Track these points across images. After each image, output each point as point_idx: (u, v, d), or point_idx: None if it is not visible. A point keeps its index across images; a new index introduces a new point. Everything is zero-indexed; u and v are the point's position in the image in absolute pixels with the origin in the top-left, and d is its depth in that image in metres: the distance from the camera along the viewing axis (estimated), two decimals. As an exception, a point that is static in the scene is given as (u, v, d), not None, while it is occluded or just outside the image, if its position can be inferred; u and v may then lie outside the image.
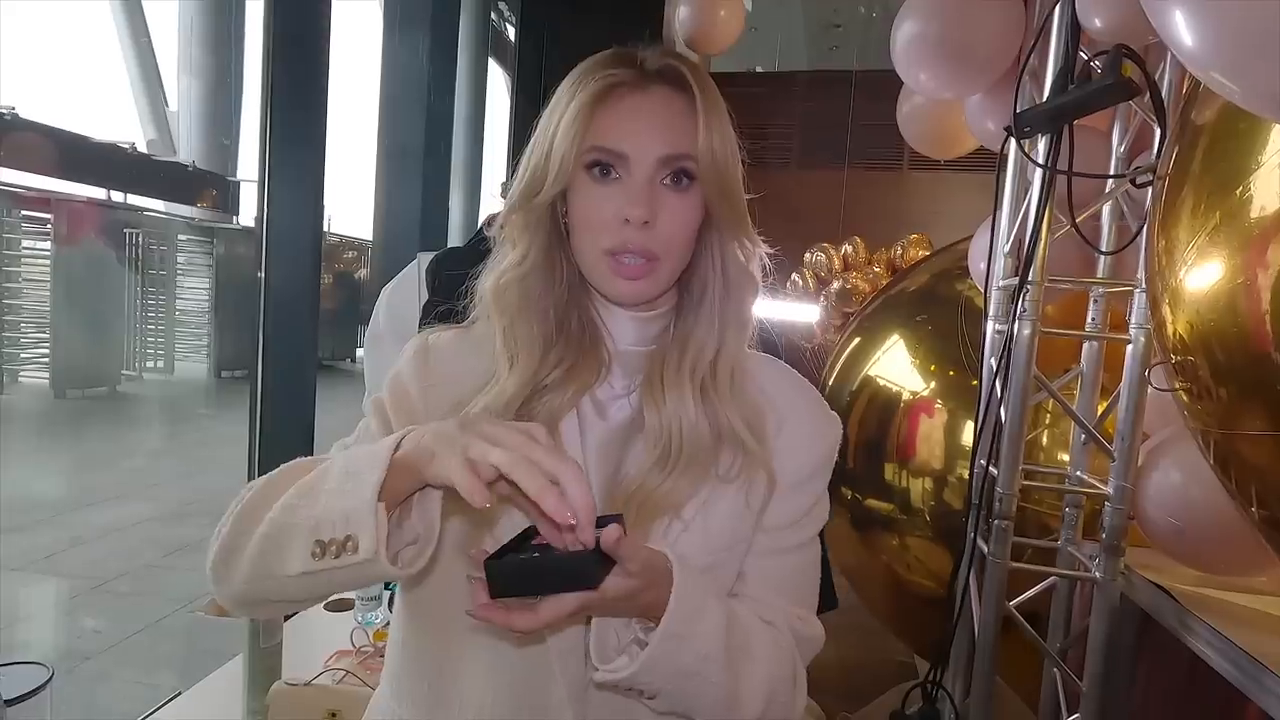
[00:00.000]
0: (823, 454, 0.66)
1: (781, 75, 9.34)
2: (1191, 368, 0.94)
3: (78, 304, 7.68)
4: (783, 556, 0.65)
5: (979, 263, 1.87)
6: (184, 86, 8.32)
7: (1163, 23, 0.54)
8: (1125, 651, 1.56)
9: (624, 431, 0.63)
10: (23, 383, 7.79)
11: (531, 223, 0.61)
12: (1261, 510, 0.92)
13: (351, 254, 11.82)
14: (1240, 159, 0.89)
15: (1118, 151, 1.60)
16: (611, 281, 0.60)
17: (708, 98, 0.58)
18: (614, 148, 0.58)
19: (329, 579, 0.51)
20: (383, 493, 0.48)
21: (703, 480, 0.60)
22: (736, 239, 0.62)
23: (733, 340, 0.63)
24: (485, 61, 5.04)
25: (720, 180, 0.59)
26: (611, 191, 0.58)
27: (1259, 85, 0.54)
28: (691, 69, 0.59)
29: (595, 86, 0.57)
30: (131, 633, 3.02)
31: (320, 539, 0.49)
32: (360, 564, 0.48)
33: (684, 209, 0.59)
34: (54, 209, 7.50)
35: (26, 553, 3.77)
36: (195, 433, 7.25)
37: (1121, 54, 1.24)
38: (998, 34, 1.79)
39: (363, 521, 0.48)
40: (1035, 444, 1.96)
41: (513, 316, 0.62)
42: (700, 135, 0.57)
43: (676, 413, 0.60)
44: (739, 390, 0.63)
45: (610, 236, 0.58)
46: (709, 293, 0.63)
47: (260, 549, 0.53)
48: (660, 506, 0.59)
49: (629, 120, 0.58)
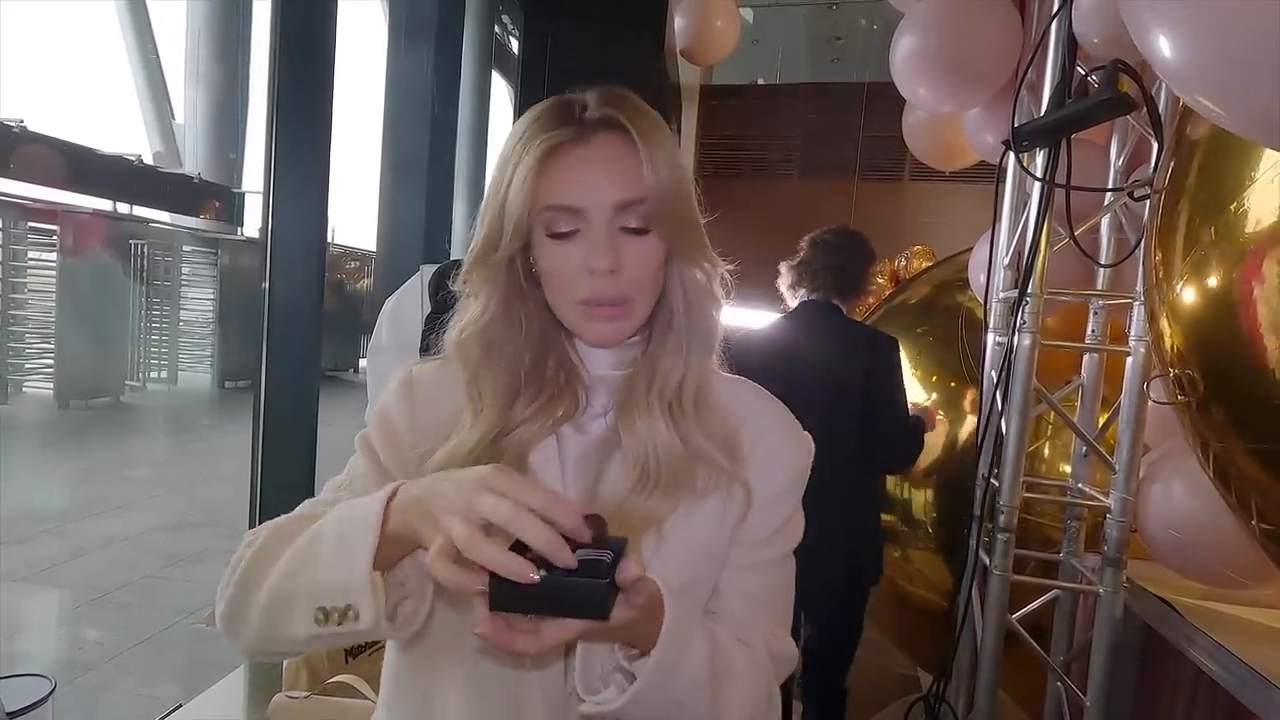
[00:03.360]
0: (795, 470, 0.68)
1: (783, 87, 9.40)
2: (1190, 381, 0.95)
3: (82, 315, 7.72)
4: (759, 572, 0.67)
5: (979, 275, 1.87)
6: (190, 99, 8.40)
7: (1147, 45, 0.55)
8: (1128, 665, 1.55)
9: (602, 445, 0.65)
10: (26, 393, 7.82)
11: (490, 277, 0.63)
12: (1262, 524, 0.92)
13: (354, 264, 11.86)
14: (1234, 174, 0.90)
15: (1116, 165, 1.61)
16: (589, 327, 0.62)
17: (647, 136, 0.59)
18: (568, 204, 0.59)
19: (336, 640, 0.52)
20: (377, 560, 0.50)
21: (681, 497, 0.62)
22: (696, 265, 0.64)
23: (697, 363, 0.64)
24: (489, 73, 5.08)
25: (675, 214, 0.60)
26: (573, 246, 0.60)
27: (1243, 108, 0.54)
28: (628, 111, 0.60)
29: (539, 149, 0.59)
30: (133, 644, 3.01)
31: (322, 606, 0.51)
32: (364, 630, 0.50)
33: (645, 252, 0.61)
34: (60, 220, 7.55)
35: (29, 563, 3.77)
36: (198, 443, 7.26)
37: (1118, 69, 1.25)
38: (995, 49, 1.80)
39: (361, 594, 0.49)
40: (1038, 456, 1.96)
41: (475, 369, 0.64)
42: (647, 175, 0.58)
43: (650, 436, 0.62)
44: (707, 411, 0.65)
45: (581, 288, 0.60)
46: (675, 319, 0.64)
47: (266, 614, 0.54)
48: (642, 524, 0.61)
49: (578, 174, 0.59)
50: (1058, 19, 1.47)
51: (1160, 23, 0.54)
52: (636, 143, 0.59)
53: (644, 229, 0.60)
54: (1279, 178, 0.83)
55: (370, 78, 3.38)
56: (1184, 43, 0.52)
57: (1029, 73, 1.58)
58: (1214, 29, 0.49)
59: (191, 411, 8.77)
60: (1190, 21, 0.51)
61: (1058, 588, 1.66)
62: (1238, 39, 0.48)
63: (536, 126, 0.60)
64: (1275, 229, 0.86)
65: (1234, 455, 0.92)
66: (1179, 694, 1.40)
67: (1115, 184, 1.59)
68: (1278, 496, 0.88)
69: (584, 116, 0.60)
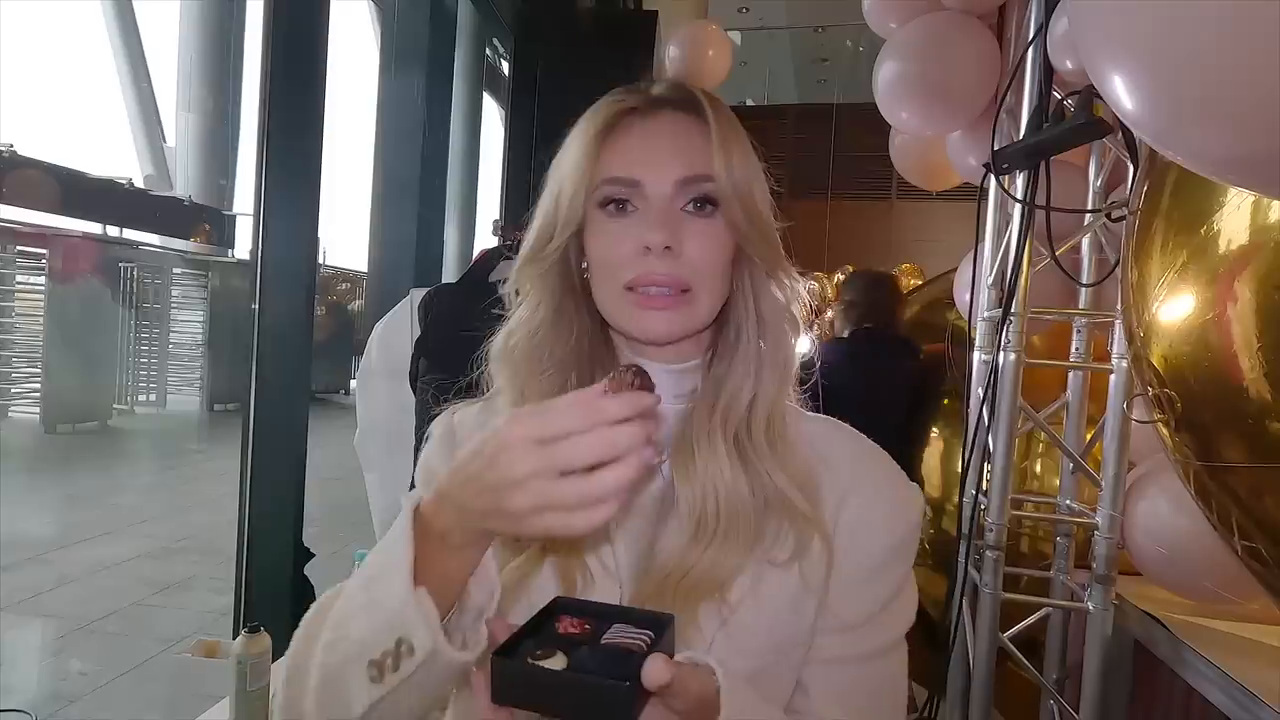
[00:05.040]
0: (903, 534, 0.56)
1: (770, 108, 9.53)
2: (1169, 400, 0.96)
3: (70, 338, 7.66)
4: (856, 666, 0.54)
5: (963, 294, 1.90)
6: (182, 123, 8.43)
7: (1105, 88, 0.57)
8: (1121, 682, 1.55)
9: (656, 507, 0.55)
10: (13, 417, 7.73)
11: (542, 273, 0.57)
12: (1243, 541, 0.93)
13: (345, 286, 11.85)
14: (1206, 197, 0.93)
15: (1095, 186, 1.64)
16: (637, 316, 0.53)
17: (721, 118, 0.54)
18: (627, 176, 0.53)
19: (400, 699, 0.44)
20: (418, 577, 0.42)
21: (747, 553, 0.52)
22: (772, 275, 0.56)
23: (771, 385, 0.55)
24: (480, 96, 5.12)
25: (745, 204, 0.53)
26: (629, 224, 0.53)
27: (1195, 150, 0.56)
28: (702, 92, 0.56)
29: (602, 116, 0.54)
30: (118, 674, 2.96)
31: (372, 659, 0.43)
32: (423, 664, 0.42)
33: (710, 234, 0.53)
34: (49, 244, 7.52)
35: (12, 593, 3.71)
36: (186, 467, 7.18)
37: (1093, 94, 1.28)
38: (975, 74, 1.84)
39: (406, 617, 0.41)
40: (1029, 472, 1.97)
41: (525, 375, 0.57)
42: (716, 156, 0.52)
43: (710, 475, 0.52)
44: (783, 443, 0.55)
45: (630, 269, 0.53)
46: (744, 335, 0.56)
47: (320, 704, 0.46)
48: (702, 587, 0.50)
49: (640, 147, 0.53)
50: (1033, 46, 1.51)
51: (1112, 66, 0.56)
52: (709, 119, 0.53)
53: (710, 213, 0.53)
54: (1248, 202, 0.85)
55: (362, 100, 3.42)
56: (1133, 85, 0.54)
57: (1007, 97, 1.62)
58: (1163, 74, 0.51)
59: (180, 435, 8.69)
60: (1138, 65, 0.52)
61: (1047, 605, 1.66)
62: (1189, 83, 0.49)
63: (600, 102, 0.55)
64: (1247, 250, 0.88)
65: (1213, 473, 0.93)
66: (1172, 710, 1.40)
67: (1094, 205, 1.62)
68: (1258, 514, 0.89)
69: (651, 93, 0.56)
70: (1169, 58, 0.50)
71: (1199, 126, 0.51)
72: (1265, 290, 0.83)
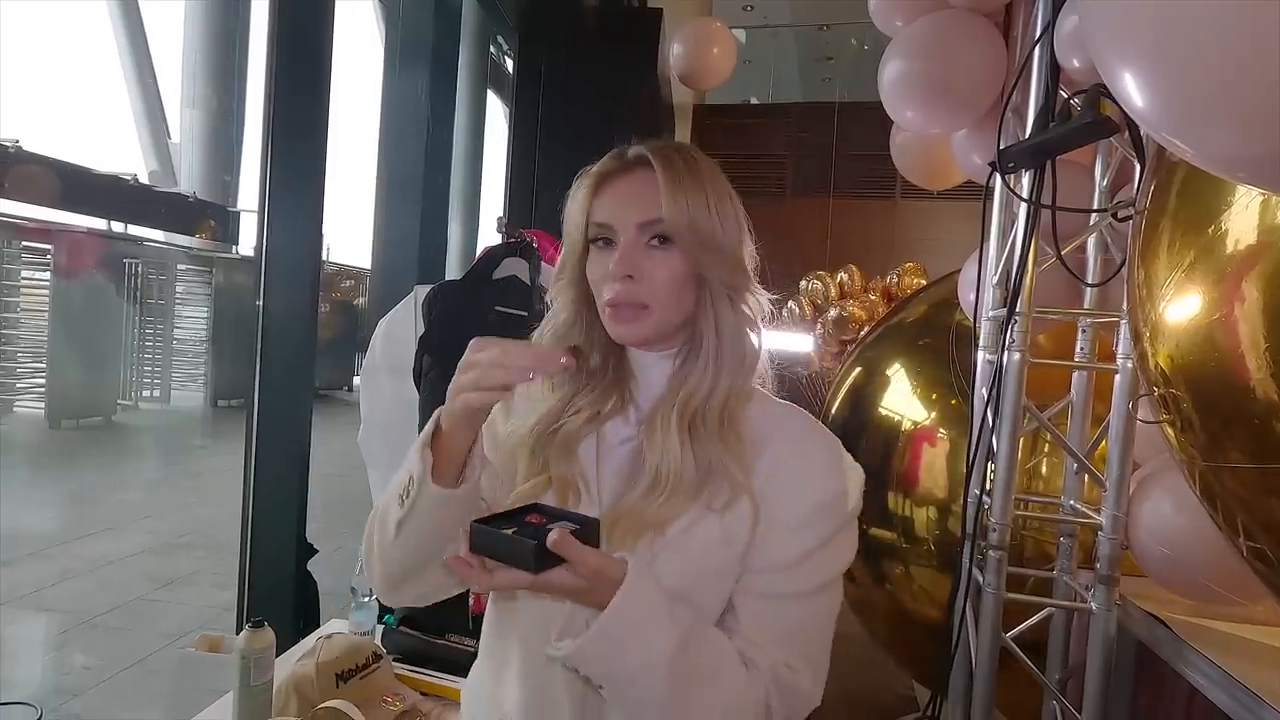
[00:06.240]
0: (832, 494, 0.69)
1: (775, 106, 9.51)
2: (1174, 400, 0.96)
3: (75, 334, 7.68)
4: (778, 602, 0.69)
5: (968, 294, 1.89)
6: (187, 119, 8.43)
7: (1115, 84, 0.57)
8: (1124, 682, 1.55)
9: (633, 461, 0.72)
10: (17, 413, 7.75)
11: (568, 283, 0.76)
12: (1248, 542, 0.93)
13: (349, 282, 11.86)
14: (1214, 196, 0.92)
15: (1100, 186, 1.63)
16: (612, 325, 0.72)
17: (671, 170, 0.70)
18: (605, 222, 0.71)
19: (416, 518, 0.65)
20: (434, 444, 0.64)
21: (689, 504, 0.68)
22: (728, 290, 0.71)
23: (727, 382, 0.70)
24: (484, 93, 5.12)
25: (697, 236, 0.69)
26: (607, 256, 0.71)
27: (1209, 148, 0.56)
28: (660, 152, 0.71)
29: (593, 174, 0.73)
30: (121, 669, 2.97)
31: (399, 494, 0.65)
32: (419, 492, 0.63)
33: (666, 263, 0.70)
34: (54, 240, 7.54)
35: (15, 587, 3.72)
36: (190, 463, 7.20)
37: (1099, 93, 1.28)
38: (980, 73, 1.83)
39: (414, 463, 0.63)
40: (1035, 473, 1.97)
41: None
42: (665, 202, 0.68)
43: (667, 447, 0.69)
44: (730, 426, 0.70)
45: (608, 290, 0.71)
46: (705, 339, 0.71)
47: (382, 524, 0.69)
48: (646, 524, 0.68)
49: (613, 199, 0.72)
50: (1040, 44, 1.50)
51: (1122, 61, 0.55)
52: (657, 174, 0.70)
53: (665, 247, 0.70)
54: (1256, 201, 0.85)
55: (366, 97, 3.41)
56: (1145, 82, 0.54)
57: (1013, 96, 1.61)
58: (1173, 69, 0.51)
59: (184, 431, 8.71)
60: (1150, 61, 0.52)
61: (1050, 605, 1.66)
62: (1202, 79, 0.49)
63: (595, 167, 0.75)
64: (1255, 250, 0.87)
65: (1218, 474, 0.93)
66: (1174, 711, 1.39)
67: (1100, 204, 1.61)
68: (1263, 515, 0.89)
69: (627, 155, 0.73)
70: (1180, 54, 0.50)
71: (1210, 123, 0.51)
72: (1273, 290, 0.83)
